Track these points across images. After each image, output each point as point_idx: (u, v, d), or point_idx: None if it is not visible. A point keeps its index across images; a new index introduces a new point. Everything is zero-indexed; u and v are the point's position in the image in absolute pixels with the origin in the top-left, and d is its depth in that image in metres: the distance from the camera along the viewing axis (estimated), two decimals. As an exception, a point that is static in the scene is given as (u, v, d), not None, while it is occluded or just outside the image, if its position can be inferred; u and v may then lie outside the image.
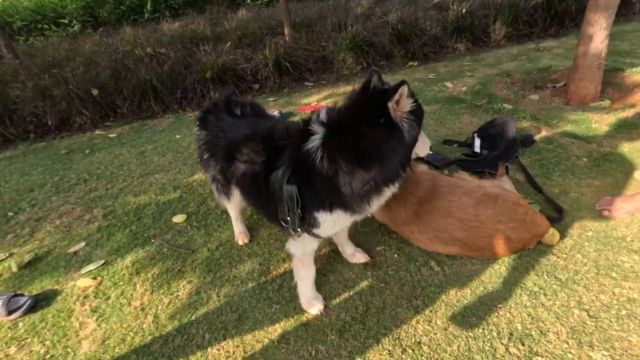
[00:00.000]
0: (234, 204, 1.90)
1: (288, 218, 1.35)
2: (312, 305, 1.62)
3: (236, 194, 1.79)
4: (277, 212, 1.38)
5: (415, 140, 1.29)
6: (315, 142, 1.26)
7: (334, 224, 1.39)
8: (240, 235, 2.07)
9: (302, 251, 1.55)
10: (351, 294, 1.68)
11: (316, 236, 1.45)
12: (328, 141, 1.25)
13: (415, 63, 4.96)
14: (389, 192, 1.34)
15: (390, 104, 1.18)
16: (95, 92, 4.16)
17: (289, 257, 1.91)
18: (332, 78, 4.79)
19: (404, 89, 1.16)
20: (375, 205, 1.36)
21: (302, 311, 1.62)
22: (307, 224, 1.38)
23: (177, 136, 3.59)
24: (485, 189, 1.78)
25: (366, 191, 1.27)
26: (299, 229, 1.38)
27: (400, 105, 1.20)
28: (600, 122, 2.83)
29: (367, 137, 1.21)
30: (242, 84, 4.64)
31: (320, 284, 1.74)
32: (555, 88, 3.63)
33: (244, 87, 4.64)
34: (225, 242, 2.09)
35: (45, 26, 7.08)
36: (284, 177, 1.29)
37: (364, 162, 1.23)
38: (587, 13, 2.99)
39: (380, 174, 1.25)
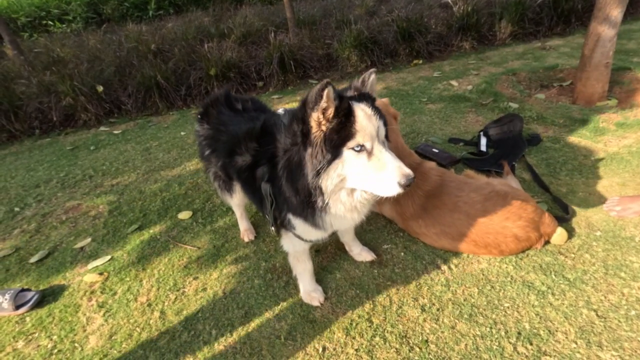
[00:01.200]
0: (237, 201, 1.90)
1: (269, 214, 1.37)
2: (312, 298, 1.63)
3: (238, 189, 1.78)
4: (261, 205, 1.42)
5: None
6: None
7: (304, 230, 1.35)
8: (245, 232, 2.07)
9: (293, 249, 1.57)
10: (358, 291, 1.68)
11: (300, 238, 1.43)
12: (282, 144, 1.21)
13: (420, 61, 4.94)
14: (323, 214, 1.23)
15: (315, 114, 1.03)
16: (100, 88, 4.16)
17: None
18: (337, 76, 4.77)
19: (330, 90, 0.99)
20: (329, 224, 1.27)
21: (308, 308, 1.62)
22: (286, 224, 1.38)
23: (182, 133, 3.59)
24: (493, 186, 1.78)
25: (297, 205, 1.22)
26: (273, 227, 1.41)
27: (327, 115, 1.04)
28: (607, 122, 2.81)
29: (291, 149, 1.14)
30: (246, 81, 4.63)
31: (326, 282, 1.74)
32: (562, 87, 3.61)
33: (248, 85, 4.63)
34: (231, 239, 2.09)
35: (49, 22, 7.08)
36: (264, 175, 1.30)
37: (288, 174, 1.17)
38: (595, 11, 2.96)
39: (296, 192, 1.17)
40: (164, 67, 4.39)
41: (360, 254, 1.84)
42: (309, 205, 1.20)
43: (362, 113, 1.08)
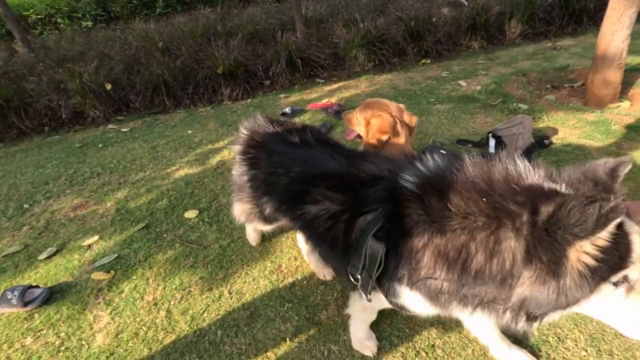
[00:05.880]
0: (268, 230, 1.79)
1: (359, 276, 1.05)
2: (365, 347, 1.42)
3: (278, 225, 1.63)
4: (348, 263, 1.08)
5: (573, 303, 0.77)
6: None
7: (414, 305, 1.05)
8: (252, 235, 2.02)
9: (373, 304, 1.24)
10: (364, 294, 1.66)
11: (396, 305, 1.11)
12: (435, 202, 0.86)
13: (428, 61, 4.90)
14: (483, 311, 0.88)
15: (581, 243, 0.70)
16: (108, 86, 4.19)
17: (300, 255, 1.91)
18: (344, 75, 4.75)
19: (619, 220, 0.69)
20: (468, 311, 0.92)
21: (314, 310, 1.62)
22: (385, 291, 1.07)
23: (189, 131, 3.60)
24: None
25: (450, 295, 0.89)
26: (369, 295, 1.08)
27: (599, 245, 0.71)
28: (620, 124, 2.76)
29: (490, 250, 0.79)
30: (253, 80, 4.63)
31: (332, 284, 1.73)
32: (573, 88, 3.55)
33: (255, 83, 4.64)
34: (237, 239, 2.09)
35: (59, 20, 7.15)
36: (372, 227, 0.98)
37: (456, 267, 0.83)
38: (608, 11, 2.91)
39: (477, 296, 0.84)
40: (171, 65, 4.41)
41: None
42: (465, 302, 0.87)
43: (637, 237, 0.76)
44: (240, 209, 1.66)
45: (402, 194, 0.93)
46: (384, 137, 1.81)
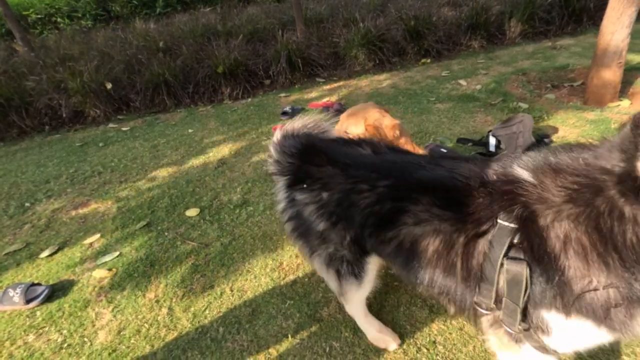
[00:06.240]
0: (367, 287, 1.32)
1: (493, 306, 0.88)
2: None
3: (371, 267, 1.27)
4: (470, 293, 0.91)
5: None
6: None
7: (575, 336, 0.85)
8: (383, 337, 1.42)
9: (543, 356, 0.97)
10: (365, 291, 1.67)
11: (544, 349, 0.90)
12: (561, 193, 0.75)
13: (428, 60, 4.91)
14: None
15: None
16: (109, 85, 4.19)
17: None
18: (344, 74, 4.76)
19: None
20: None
21: (315, 307, 1.62)
22: (530, 326, 0.87)
23: (190, 130, 3.61)
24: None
25: (628, 305, 0.73)
26: (519, 328, 0.87)
27: None
28: (619, 123, 2.76)
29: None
30: (253, 79, 4.64)
31: (333, 281, 1.74)
32: (573, 87, 3.56)
33: (255, 83, 4.65)
34: (238, 237, 2.09)
35: (59, 19, 7.15)
36: (500, 245, 0.81)
37: (615, 256, 0.70)
38: (608, 10, 2.91)
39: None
40: (172, 65, 4.42)
41: None
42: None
43: None
44: (321, 261, 1.25)
45: (523, 194, 0.79)
46: (393, 138, 1.81)
